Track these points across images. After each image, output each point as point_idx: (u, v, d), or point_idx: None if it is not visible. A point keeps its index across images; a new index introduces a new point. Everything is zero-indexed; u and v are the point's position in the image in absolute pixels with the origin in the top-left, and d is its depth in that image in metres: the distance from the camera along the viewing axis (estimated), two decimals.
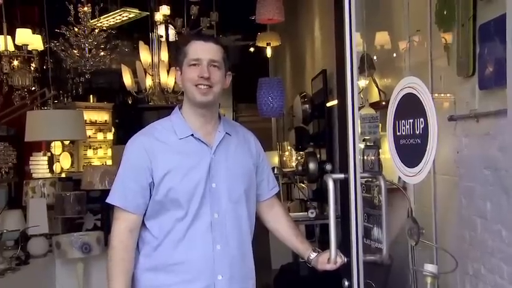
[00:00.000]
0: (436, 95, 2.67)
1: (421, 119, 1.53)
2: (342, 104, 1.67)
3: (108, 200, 1.88)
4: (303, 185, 5.96)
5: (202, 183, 1.80)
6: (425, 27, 2.70)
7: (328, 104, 5.02)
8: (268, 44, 6.80)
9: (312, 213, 4.62)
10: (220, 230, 1.82)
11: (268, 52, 6.93)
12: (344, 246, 1.63)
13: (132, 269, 1.83)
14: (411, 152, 1.59)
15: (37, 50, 5.50)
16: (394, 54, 3.24)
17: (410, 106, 1.60)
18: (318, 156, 5.31)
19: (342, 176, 1.58)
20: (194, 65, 1.81)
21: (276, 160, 7.31)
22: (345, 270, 1.67)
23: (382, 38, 3.33)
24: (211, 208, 1.81)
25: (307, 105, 5.58)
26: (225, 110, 12.70)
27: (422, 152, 1.52)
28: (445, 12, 2.44)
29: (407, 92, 1.61)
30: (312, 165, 4.97)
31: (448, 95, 2.52)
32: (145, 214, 1.85)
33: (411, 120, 1.58)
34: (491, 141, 2.07)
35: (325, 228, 4.61)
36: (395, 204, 3.27)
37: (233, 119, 12.59)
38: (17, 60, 5.61)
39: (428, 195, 2.78)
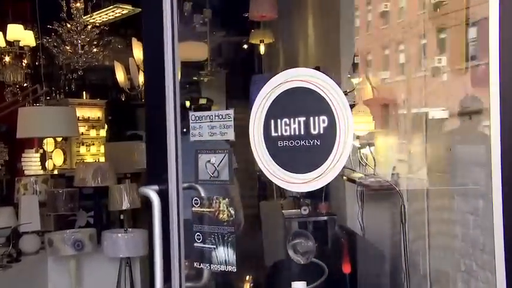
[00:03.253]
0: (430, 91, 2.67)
1: (323, 117, 1.36)
2: (158, 103, 1.47)
3: None
4: None
5: None
6: (420, 24, 2.70)
7: None
8: (261, 41, 6.80)
9: (304, 210, 4.62)
10: None
11: (262, 49, 6.93)
12: (166, 271, 1.40)
13: None
14: (301, 155, 1.40)
15: (29, 46, 5.47)
16: (388, 51, 3.24)
17: (302, 102, 1.41)
18: None
19: (156, 187, 1.40)
20: None
21: None
22: None
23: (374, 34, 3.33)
24: None
25: None
26: (218, 107, 12.66)
27: (324, 154, 1.35)
28: (439, 10, 2.45)
29: (295, 86, 1.42)
30: None
31: (441, 91, 2.52)
32: None
33: (302, 119, 1.39)
34: (484, 139, 2.08)
35: (318, 225, 4.62)
36: (388, 202, 3.28)
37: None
38: (8, 56, 5.57)
39: (421, 192, 2.79)
